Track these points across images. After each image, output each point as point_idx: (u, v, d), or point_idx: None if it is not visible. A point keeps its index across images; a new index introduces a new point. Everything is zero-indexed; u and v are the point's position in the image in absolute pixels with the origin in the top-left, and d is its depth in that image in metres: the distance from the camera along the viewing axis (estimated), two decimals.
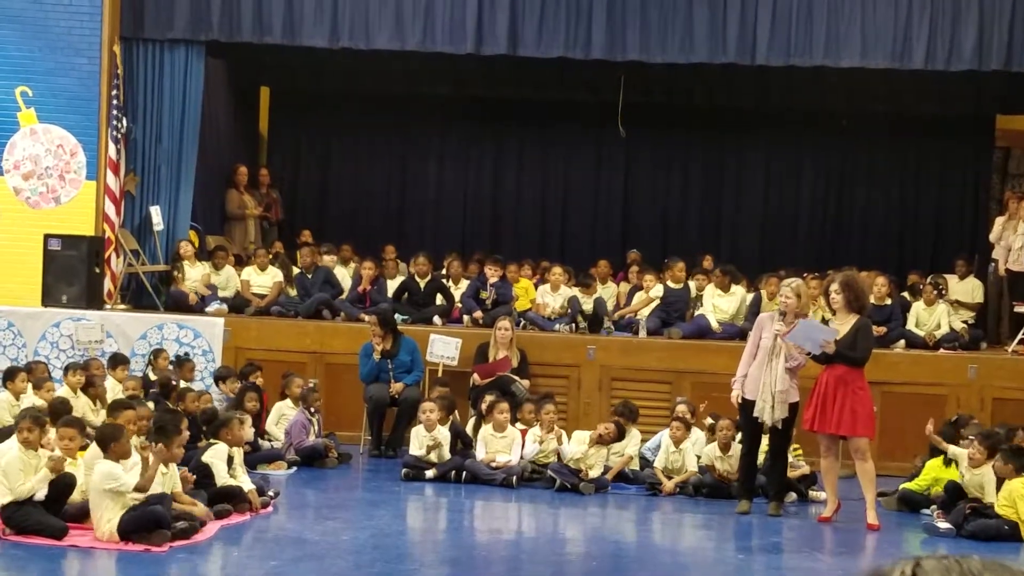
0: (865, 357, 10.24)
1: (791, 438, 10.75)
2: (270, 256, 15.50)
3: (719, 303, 14.22)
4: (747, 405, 10.32)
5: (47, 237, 14.00)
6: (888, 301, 13.98)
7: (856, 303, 10.31)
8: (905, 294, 14.90)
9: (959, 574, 1.06)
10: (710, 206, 19.45)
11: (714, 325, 14.01)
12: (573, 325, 14.13)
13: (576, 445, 11.52)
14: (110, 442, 8.47)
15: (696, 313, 14.32)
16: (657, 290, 14.52)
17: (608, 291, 15.46)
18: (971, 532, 9.81)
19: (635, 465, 11.82)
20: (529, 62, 15.20)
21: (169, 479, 8.76)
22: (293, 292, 14.96)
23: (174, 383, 12.27)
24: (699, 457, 11.51)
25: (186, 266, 14.72)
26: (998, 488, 10.02)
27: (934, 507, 10.69)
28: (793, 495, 11.15)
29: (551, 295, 14.68)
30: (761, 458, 10.79)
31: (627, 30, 14.42)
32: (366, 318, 13.92)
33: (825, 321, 10.64)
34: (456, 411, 12.45)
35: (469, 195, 19.74)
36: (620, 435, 11.66)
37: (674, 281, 14.60)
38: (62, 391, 11.84)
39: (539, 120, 19.13)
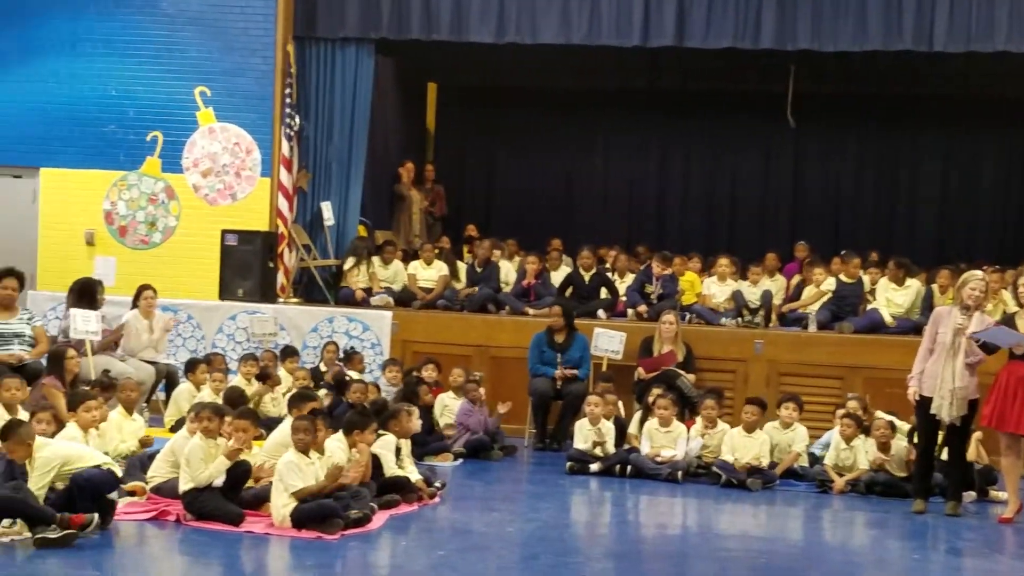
0: None
1: (970, 436, 10.44)
2: (436, 251, 15.67)
3: (893, 297, 13.83)
4: (924, 402, 10.03)
5: (224, 233, 14.44)
6: None
7: None
8: None
9: None
10: (883, 197, 19.00)
11: (887, 319, 13.64)
12: (739, 319, 13.96)
13: (729, 440, 11.40)
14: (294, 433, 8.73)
15: (869, 307, 13.97)
16: (829, 283, 14.21)
17: (776, 284, 15.18)
18: None
19: (803, 462, 11.59)
20: (696, 53, 15.06)
21: (325, 464, 8.89)
22: (460, 286, 15.09)
23: (348, 378, 12.50)
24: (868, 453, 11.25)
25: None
26: None
27: None
28: (972, 494, 10.79)
29: (717, 286, 14.51)
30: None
31: (798, 18, 14.18)
32: (531, 311, 13.99)
33: (1010, 317, 10.23)
34: (620, 405, 12.40)
35: (635, 187, 19.66)
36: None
37: (848, 276, 14.26)
38: (235, 381, 12.20)
39: (706, 111, 18.93)
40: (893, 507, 10.45)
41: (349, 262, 14.95)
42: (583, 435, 11.64)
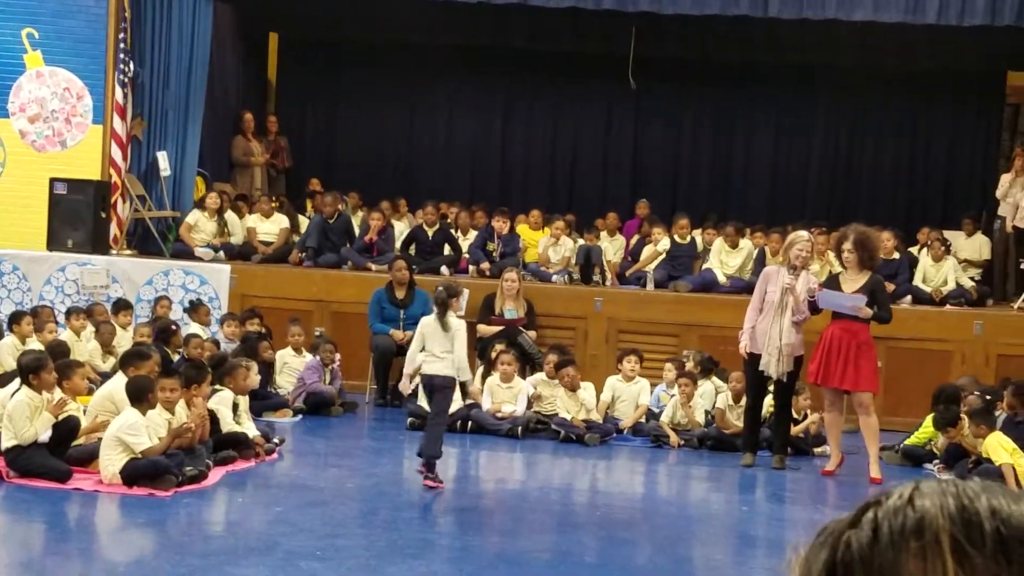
0: (891, 314, 10.29)
1: (794, 391, 10.82)
2: (275, 203, 15.43)
3: (726, 259, 14.23)
4: (753, 359, 10.33)
5: (53, 181, 13.94)
6: (896, 256, 13.96)
7: (869, 261, 10.31)
8: (913, 250, 14.87)
9: (955, 495, 1.09)
10: (720, 160, 19.37)
11: (721, 279, 14.01)
12: (568, 276, 14.16)
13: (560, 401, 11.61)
14: (144, 394, 8.46)
15: (703, 267, 14.31)
16: (664, 244, 14.50)
17: (616, 243, 15.43)
18: None
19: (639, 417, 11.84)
20: (542, 12, 15.12)
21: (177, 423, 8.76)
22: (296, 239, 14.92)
23: (174, 328, 12.22)
24: (708, 413, 11.53)
25: (203, 217, 14.58)
26: None
27: (936, 461, 10.75)
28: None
29: (553, 247, 14.66)
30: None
31: None
32: (373, 267, 13.92)
33: (835, 277, 10.61)
34: None
35: (478, 145, 19.65)
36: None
37: (679, 236, 14.57)
38: (64, 335, 11.85)
39: (550, 71, 18.99)
40: (724, 461, 10.76)
41: (195, 215, 14.53)
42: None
